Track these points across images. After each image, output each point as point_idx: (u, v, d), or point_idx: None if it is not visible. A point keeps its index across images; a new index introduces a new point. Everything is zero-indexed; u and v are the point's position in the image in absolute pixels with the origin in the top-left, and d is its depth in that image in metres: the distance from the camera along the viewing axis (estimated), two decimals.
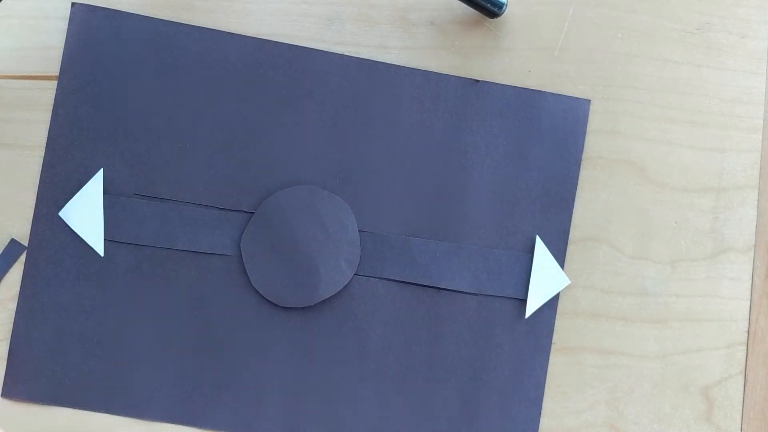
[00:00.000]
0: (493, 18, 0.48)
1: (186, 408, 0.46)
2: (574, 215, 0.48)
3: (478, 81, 0.48)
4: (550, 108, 0.48)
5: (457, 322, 0.47)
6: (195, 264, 0.46)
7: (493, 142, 0.48)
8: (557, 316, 0.47)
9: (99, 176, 0.46)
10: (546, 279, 0.47)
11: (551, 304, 0.47)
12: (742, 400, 0.48)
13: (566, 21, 0.49)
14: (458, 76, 0.48)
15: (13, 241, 0.46)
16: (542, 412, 0.47)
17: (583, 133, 0.48)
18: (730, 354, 0.48)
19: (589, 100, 0.49)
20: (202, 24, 0.48)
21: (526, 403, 0.46)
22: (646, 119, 0.49)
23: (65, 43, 0.47)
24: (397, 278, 0.47)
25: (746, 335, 0.48)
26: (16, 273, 0.46)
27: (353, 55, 0.48)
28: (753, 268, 0.48)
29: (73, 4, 0.47)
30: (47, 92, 0.47)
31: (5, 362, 0.45)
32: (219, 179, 0.47)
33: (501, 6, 0.47)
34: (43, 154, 0.47)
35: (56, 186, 0.47)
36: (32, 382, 0.45)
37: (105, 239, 0.46)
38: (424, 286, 0.47)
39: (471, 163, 0.48)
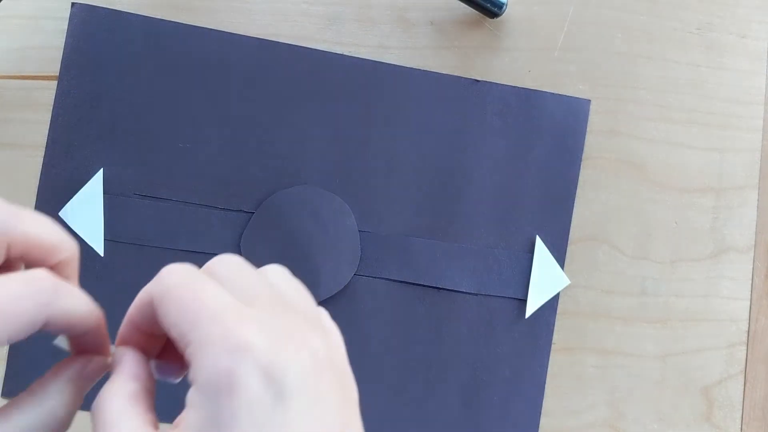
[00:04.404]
0: (493, 18, 0.48)
1: None
2: (574, 215, 0.48)
3: (478, 81, 0.48)
4: (550, 108, 0.48)
5: (457, 322, 0.47)
6: (195, 264, 0.46)
7: (493, 142, 0.48)
8: (557, 316, 0.47)
9: (99, 176, 0.46)
10: (546, 279, 0.47)
11: (551, 304, 0.47)
12: (742, 400, 0.48)
13: (566, 21, 0.49)
14: (458, 76, 0.48)
15: None
16: (542, 412, 0.47)
17: (583, 133, 0.48)
18: (730, 354, 0.48)
19: (589, 100, 0.49)
20: (202, 24, 0.48)
21: (526, 403, 0.46)
22: (646, 119, 0.49)
23: (65, 43, 0.47)
24: (397, 278, 0.47)
25: (746, 335, 0.48)
26: None
27: (353, 55, 0.48)
28: (753, 268, 0.48)
29: (73, 4, 0.47)
30: (47, 92, 0.47)
31: (5, 362, 0.45)
32: (219, 179, 0.47)
33: (501, 6, 0.47)
34: (43, 154, 0.47)
35: (56, 186, 0.46)
36: (32, 382, 0.45)
37: (105, 239, 0.46)
38: (424, 286, 0.47)
39: (471, 163, 0.48)
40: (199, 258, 0.47)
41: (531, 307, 0.47)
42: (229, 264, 0.24)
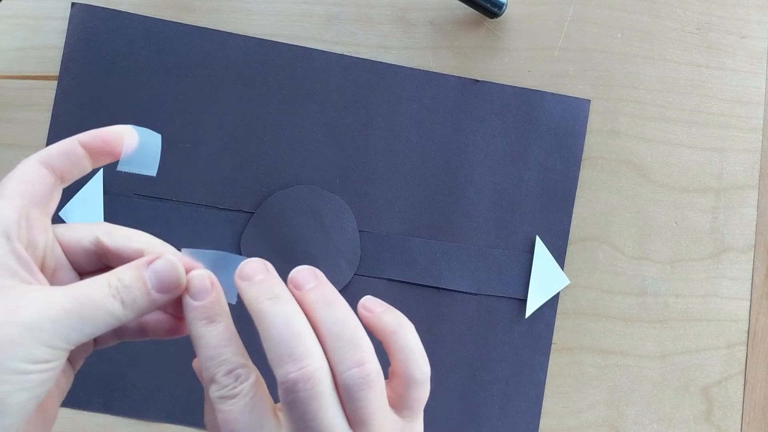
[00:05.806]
0: (493, 18, 0.48)
1: (186, 408, 0.46)
2: (574, 215, 0.48)
3: (478, 81, 0.48)
4: (550, 108, 0.48)
5: (457, 322, 0.47)
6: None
7: (493, 142, 0.48)
8: (557, 316, 0.47)
9: (99, 176, 0.46)
10: (546, 279, 0.47)
11: (551, 304, 0.47)
12: (742, 400, 0.48)
13: (566, 21, 0.49)
14: (458, 76, 0.48)
15: None
16: (542, 412, 0.47)
17: (583, 133, 0.48)
18: (730, 354, 0.48)
19: (589, 100, 0.49)
20: (202, 24, 0.48)
21: (526, 403, 0.46)
22: (646, 119, 0.49)
23: (65, 43, 0.47)
24: (397, 278, 0.47)
25: (746, 335, 0.48)
26: None
27: (353, 55, 0.48)
28: (753, 268, 0.48)
29: (73, 4, 0.47)
30: (47, 92, 0.47)
31: None
32: (219, 179, 0.47)
33: (501, 6, 0.47)
34: None
35: None
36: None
37: None
38: (424, 286, 0.47)
39: (471, 163, 0.48)
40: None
41: (531, 307, 0.47)
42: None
